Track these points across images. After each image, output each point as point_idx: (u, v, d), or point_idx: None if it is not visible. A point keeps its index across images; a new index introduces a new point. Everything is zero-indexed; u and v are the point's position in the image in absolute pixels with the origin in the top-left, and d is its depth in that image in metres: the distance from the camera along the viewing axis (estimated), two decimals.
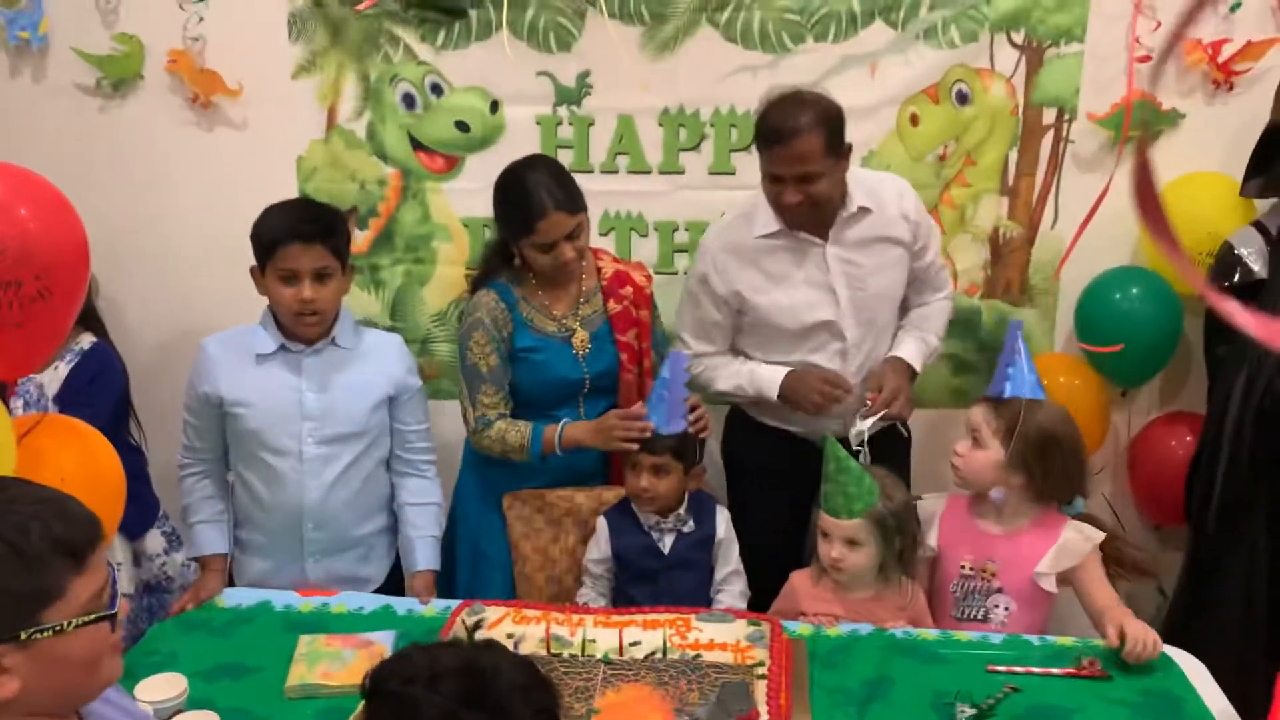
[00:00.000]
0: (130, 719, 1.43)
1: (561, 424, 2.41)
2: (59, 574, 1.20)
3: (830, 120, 2.28)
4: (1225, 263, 2.56)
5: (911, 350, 2.55)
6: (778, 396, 2.46)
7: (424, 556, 2.39)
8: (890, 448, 2.50)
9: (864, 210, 2.42)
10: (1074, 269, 2.88)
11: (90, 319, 2.64)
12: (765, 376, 2.48)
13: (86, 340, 2.60)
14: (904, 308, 2.61)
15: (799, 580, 2.32)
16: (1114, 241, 2.85)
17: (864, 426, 2.37)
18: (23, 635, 1.17)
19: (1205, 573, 2.59)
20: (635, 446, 2.29)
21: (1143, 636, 1.99)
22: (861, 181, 2.44)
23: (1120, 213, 2.80)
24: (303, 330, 2.29)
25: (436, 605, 2.26)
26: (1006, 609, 2.22)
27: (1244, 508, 2.49)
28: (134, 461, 2.61)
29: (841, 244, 2.43)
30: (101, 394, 2.53)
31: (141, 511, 2.64)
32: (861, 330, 2.47)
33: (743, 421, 2.62)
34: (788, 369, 2.46)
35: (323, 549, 2.37)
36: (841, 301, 2.44)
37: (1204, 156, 2.78)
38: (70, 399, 2.49)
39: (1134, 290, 2.78)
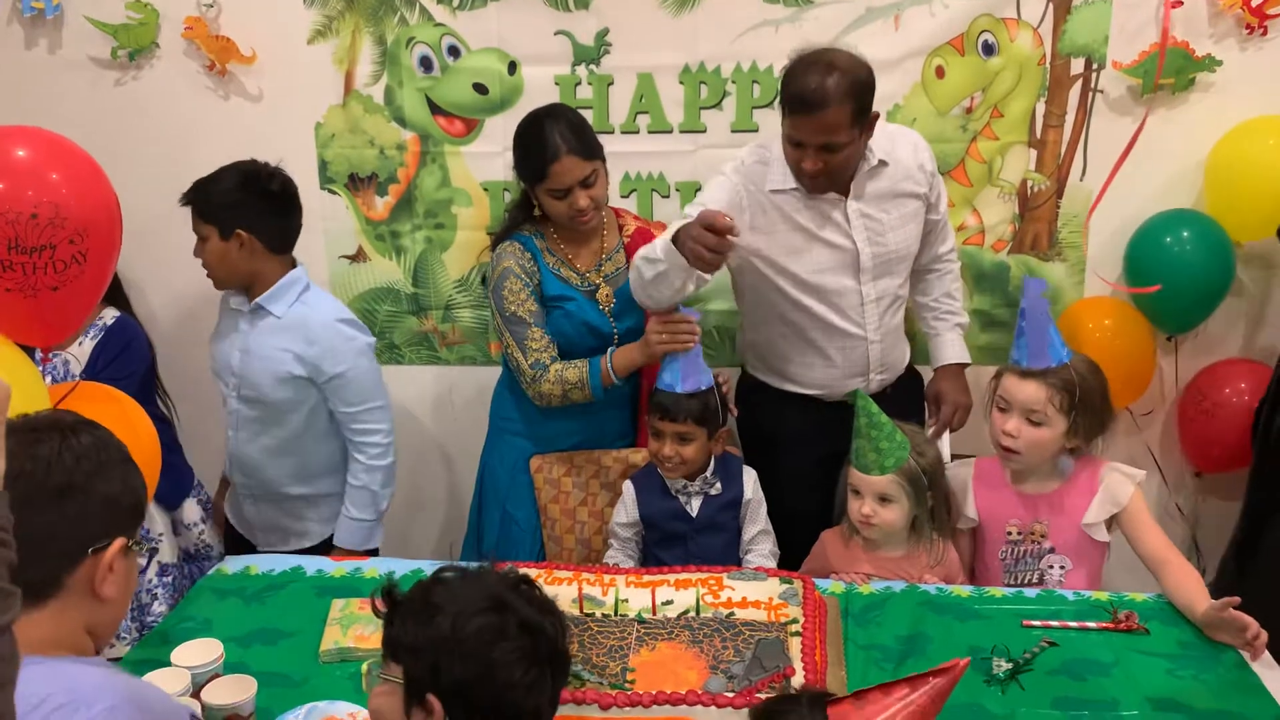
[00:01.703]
0: None
1: (609, 351, 2.39)
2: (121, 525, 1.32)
3: (860, 90, 2.20)
4: None
5: (957, 348, 2.61)
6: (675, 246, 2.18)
7: (339, 534, 2.52)
8: (905, 391, 2.50)
9: (882, 164, 2.38)
10: (1125, 212, 2.81)
11: (114, 293, 2.65)
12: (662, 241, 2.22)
13: (109, 315, 2.60)
14: (916, 264, 2.56)
15: (829, 539, 2.31)
16: (1166, 185, 2.79)
17: (943, 450, 2.45)
18: (130, 542, 1.31)
19: (1262, 513, 2.57)
20: (689, 346, 2.24)
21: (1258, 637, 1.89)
22: (877, 134, 2.37)
23: (1170, 155, 2.76)
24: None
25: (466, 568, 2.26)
26: (1062, 568, 2.19)
27: None
28: (164, 432, 2.60)
29: (862, 199, 2.40)
30: (128, 367, 2.54)
31: (177, 481, 2.66)
32: (881, 285, 2.43)
33: (758, 388, 2.59)
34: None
35: (253, 495, 2.59)
36: (863, 257, 2.40)
37: (1240, 104, 2.70)
38: (98, 374, 2.50)
39: (1185, 234, 2.72)
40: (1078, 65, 2.75)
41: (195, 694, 1.71)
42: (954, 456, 2.47)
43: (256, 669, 1.86)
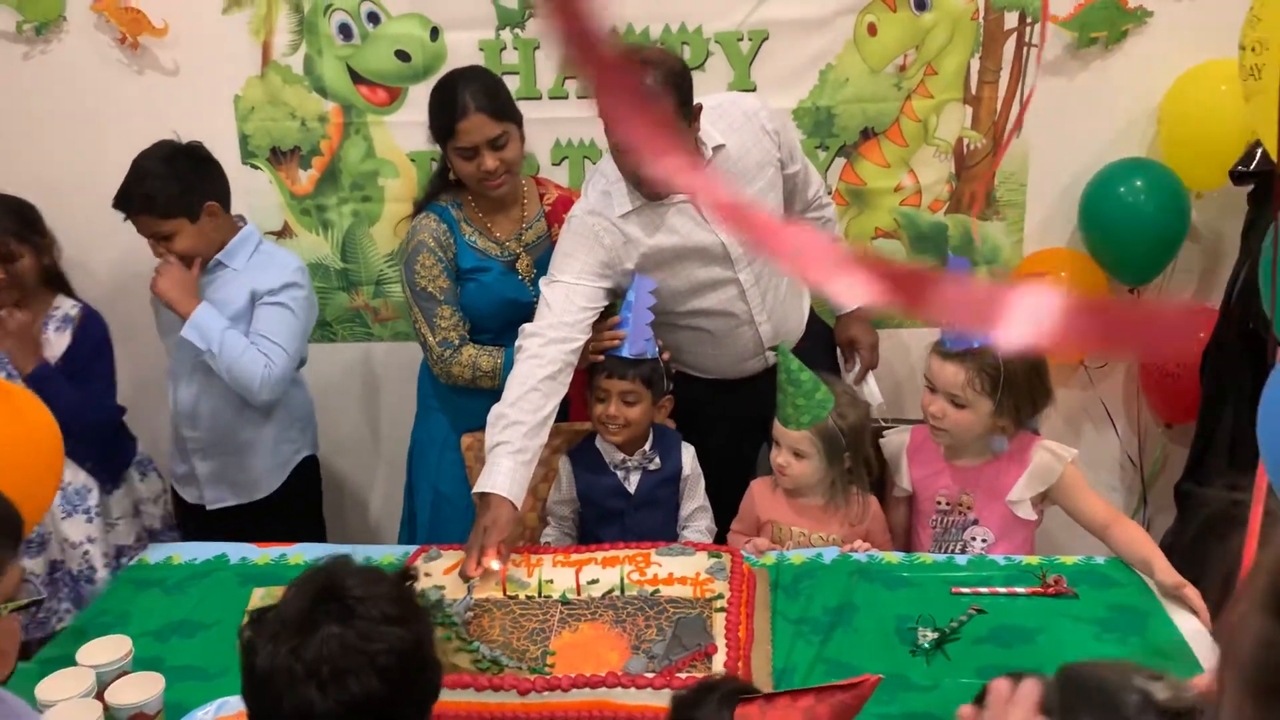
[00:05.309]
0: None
1: None
2: (3, 553, 1.15)
3: (678, 80, 2.05)
4: (1247, 150, 2.47)
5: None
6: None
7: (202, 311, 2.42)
8: (811, 350, 2.46)
9: (719, 149, 2.21)
10: (1078, 162, 2.77)
11: (59, 281, 2.60)
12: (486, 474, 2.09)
13: (68, 305, 2.57)
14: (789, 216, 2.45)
15: (757, 488, 2.32)
16: (1119, 134, 2.74)
17: (871, 393, 2.49)
18: None
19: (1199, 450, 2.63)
20: (600, 358, 2.23)
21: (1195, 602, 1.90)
22: (708, 114, 2.19)
23: (1118, 105, 2.72)
24: None
25: (393, 551, 2.22)
26: (984, 541, 2.19)
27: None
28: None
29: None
30: (107, 359, 2.60)
31: (118, 457, 2.67)
32: (756, 269, 2.32)
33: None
34: (500, 495, 2.04)
35: (202, 448, 2.55)
36: (730, 247, 2.27)
37: (1180, 52, 2.65)
38: (79, 371, 2.53)
39: (1138, 183, 2.68)
40: (1011, 19, 2.69)
41: (100, 694, 1.66)
42: (896, 420, 2.45)
43: (171, 664, 1.83)
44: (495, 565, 1.96)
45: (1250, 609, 0.63)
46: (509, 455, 2.09)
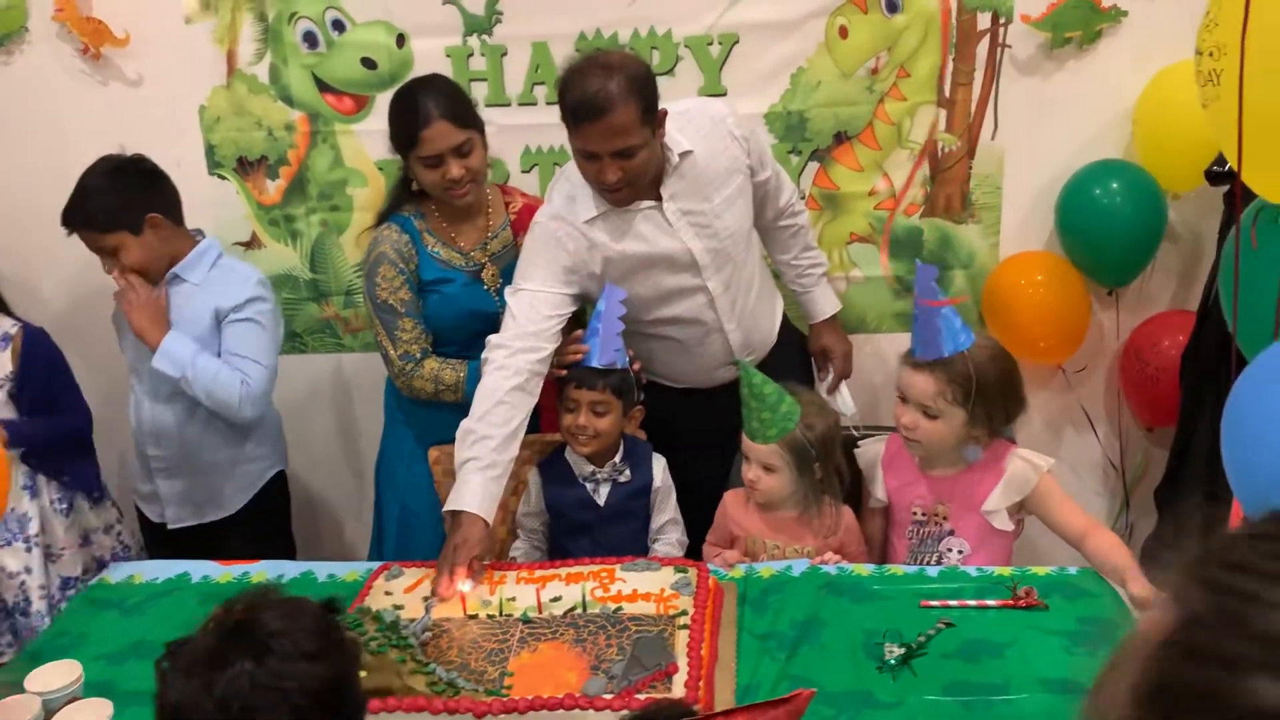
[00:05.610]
0: None
1: None
2: None
3: (642, 85, 2.02)
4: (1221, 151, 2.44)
5: (830, 300, 2.59)
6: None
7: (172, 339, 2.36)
8: (784, 355, 2.46)
9: (685, 155, 2.18)
10: (1054, 164, 2.73)
11: None
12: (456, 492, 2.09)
13: (8, 324, 2.51)
14: (762, 227, 2.44)
15: (730, 500, 2.29)
16: (1095, 135, 2.71)
17: (845, 403, 2.51)
18: None
19: (1180, 451, 2.61)
20: (563, 372, 2.21)
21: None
22: (674, 120, 2.15)
23: (1100, 106, 2.68)
24: None
25: (358, 568, 2.19)
26: (960, 552, 2.15)
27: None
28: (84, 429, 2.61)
29: (678, 197, 2.20)
30: (64, 372, 2.55)
31: (85, 475, 2.61)
32: (724, 276, 2.29)
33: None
34: (471, 513, 2.04)
35: (166, 467, 2.50)
36: (697, 254, 2.24)
37: (1154, 52, 2.61)
38: (40, 392, 2.47)
39: (1114, 185, 2.65)
40: (984, 20, 2.66)
41: None
42: (872, 428, 2.42)
43: (125, 688, 1.79)
44: (467, 586, 1.93)
45: (1122, 698, 0.59)
46: (478, 471, 2.06)
